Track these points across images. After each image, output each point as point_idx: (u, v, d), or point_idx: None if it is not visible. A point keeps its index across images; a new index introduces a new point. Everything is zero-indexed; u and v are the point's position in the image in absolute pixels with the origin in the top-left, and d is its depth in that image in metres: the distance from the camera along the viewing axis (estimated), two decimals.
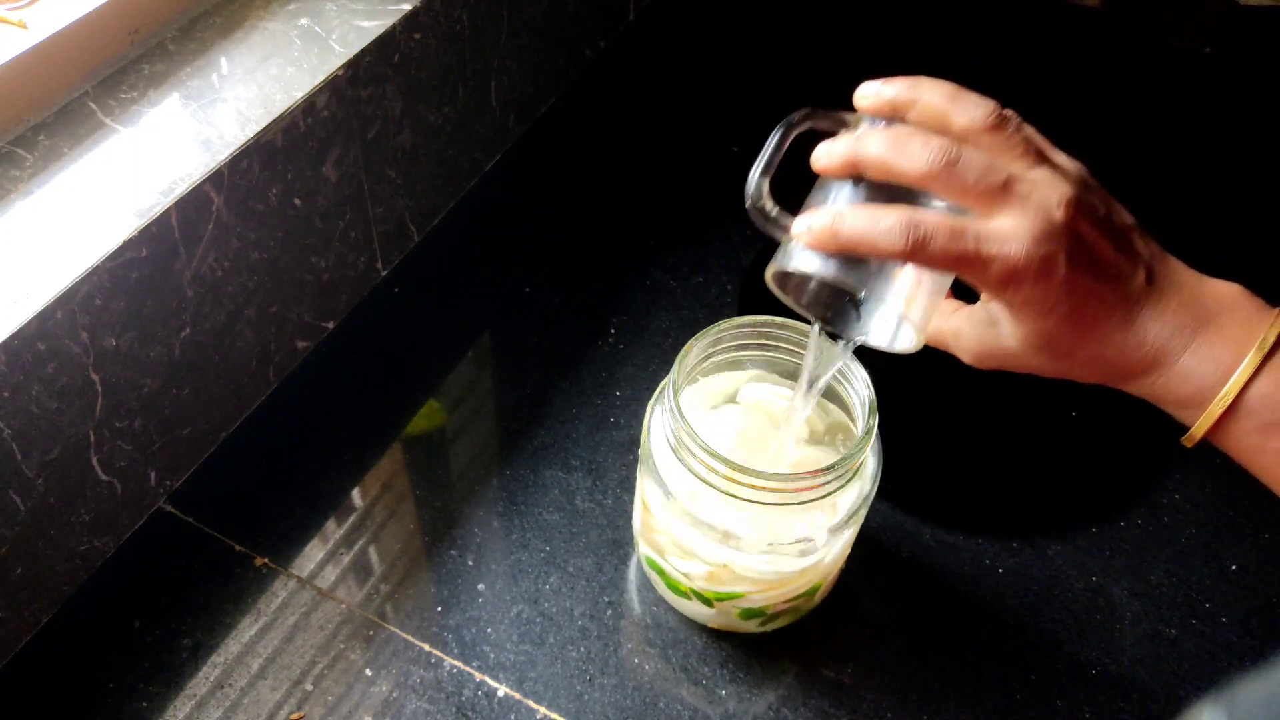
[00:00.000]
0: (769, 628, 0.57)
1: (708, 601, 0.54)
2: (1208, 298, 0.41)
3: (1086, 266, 0.40)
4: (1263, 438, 0.40)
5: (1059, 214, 0.40)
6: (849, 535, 0.53)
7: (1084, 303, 0.40)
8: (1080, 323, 0.41)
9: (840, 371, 0.52)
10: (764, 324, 0.54)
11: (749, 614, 0.55)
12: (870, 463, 0.52)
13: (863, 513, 0.52)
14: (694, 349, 0.52)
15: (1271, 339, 0.40)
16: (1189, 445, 0.42)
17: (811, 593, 0.55)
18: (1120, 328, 0.41)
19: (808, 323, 0.49)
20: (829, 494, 0.49)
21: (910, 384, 0.67)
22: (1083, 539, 0.62)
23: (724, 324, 0.53)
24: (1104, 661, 0.57)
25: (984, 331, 0.44)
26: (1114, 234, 0.42)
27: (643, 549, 0.58)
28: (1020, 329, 0.42)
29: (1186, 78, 0.94)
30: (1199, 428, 0.41)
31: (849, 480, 0.50)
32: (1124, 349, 0.41)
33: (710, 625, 0.57)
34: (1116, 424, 0.69)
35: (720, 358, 0.55)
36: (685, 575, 0.54)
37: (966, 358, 0.45)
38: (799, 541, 0.50)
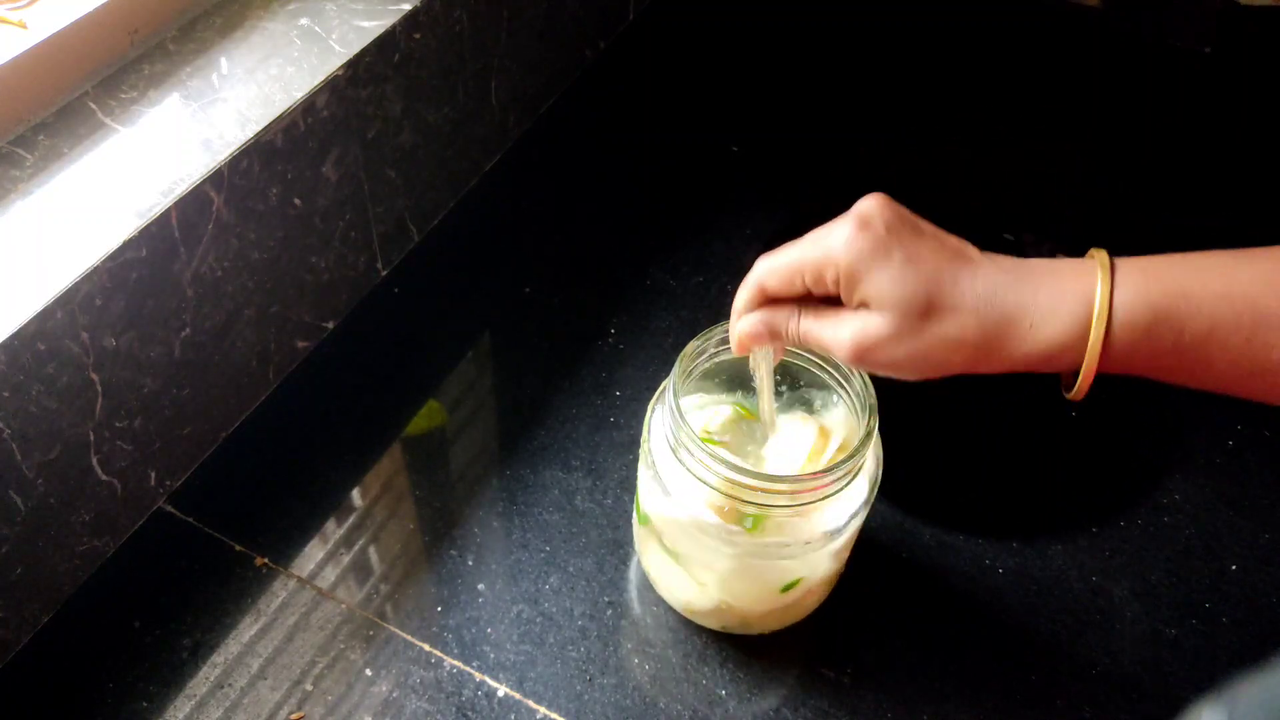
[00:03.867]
0: (768, 624, 0.57)
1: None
2: (1031, 262, 0.45)
3: (910, 227, 0.45)
4: (1151, 342, 0.42)
5: (861, 207, 0.45)
6: (848, 539, 0.53)
7: (919, 251, 0.44)
8: (925, 272, 0.43)
9: (841, 374, 0.52)
10: None
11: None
12: (869, 466, 0.52)
13: (862, 516, 0.52)
14: (695, 350, 0.52)
15: (1106, 260, 0.43)
16: (1078, 396, 0.44)
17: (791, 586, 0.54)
18: (968, 277, 0.44)
19: None
20: (829, 496, 0.49)
21: (909, 384, 0.67)
22: (1083, 539, 0.62)
23: (726, 325, 0.53)
24: (1104, 661, 0.57)
25: (853, 322, 0.45)
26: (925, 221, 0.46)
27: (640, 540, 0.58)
28: (880, 293, 0.44)
29: (1186, 78, 0.94)
30: (1089, 355, 0.42)
31: (849, 482, 0.50)
32: (980, 302, 0.43)
33: (707, 620, 0.57)
34: (1116, 424, 0.69)
35: (722, 359, 0.55)
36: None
37: (841, 354, 0.46)
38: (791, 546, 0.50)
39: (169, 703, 0.54)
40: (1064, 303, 0.43)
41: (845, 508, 0.51)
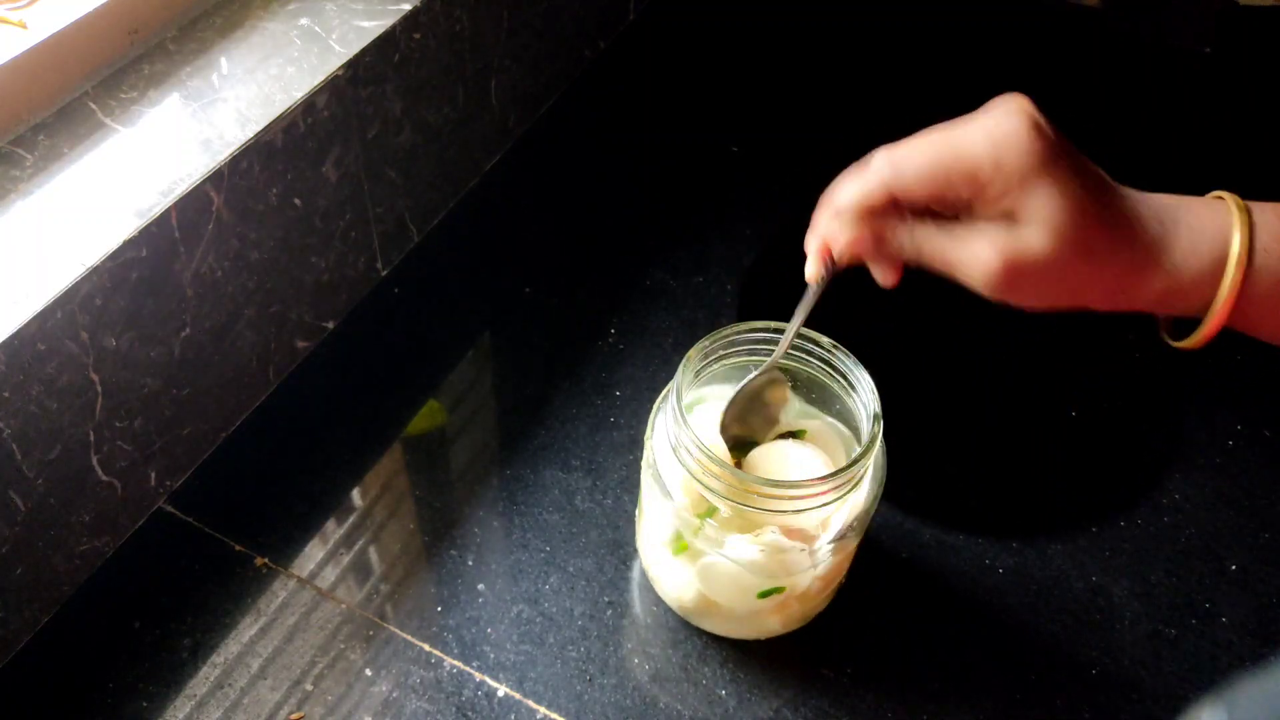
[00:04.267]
0: (773, 626, 0.57)
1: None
2: (1161, 196, 0.43)
3: (1066, 144, 0.42)
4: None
5: (1017, 105, 0.43)
6: (847, 545, 0.53)
7: (1084, 164, 0.41)
8: (1093, 188, 0.41)
9: (847, 379, 0.52)
10: (774, 330, 0.53)
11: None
12: (874, 472, 0.52)
13: (863, 524, 0.52)
14: (699, 354, 0.52)
15: (1240, 202, 0.42)
16: (1198, 343, 0.42)
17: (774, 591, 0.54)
18: (1118, 200, 0.42)
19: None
20: (832, 501, 0.49)
21: (910, 384, 0.67)
22: (1083, 539, 0.62)
23: (733, 328, 0.53)
24: (1104, 661, 0.57)
25: (1002, 239, 0.41)
26: None
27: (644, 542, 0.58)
28: (1047, 206, 0.40)
29: (1186, 78, 0.94)
30: (1225, 293, 0.40)
31: (852, 488, 0.50)
32: (1131, 228, 0.41)
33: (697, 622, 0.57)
34: (1116, 424, 0.69)
35: (727, 362, 0.54)
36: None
37: (982, 276, 0.42)
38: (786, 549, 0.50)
39: (169, 703, 0.54)
40: (1203, 239, 0.41)
41: (847, 516, 0.51)
